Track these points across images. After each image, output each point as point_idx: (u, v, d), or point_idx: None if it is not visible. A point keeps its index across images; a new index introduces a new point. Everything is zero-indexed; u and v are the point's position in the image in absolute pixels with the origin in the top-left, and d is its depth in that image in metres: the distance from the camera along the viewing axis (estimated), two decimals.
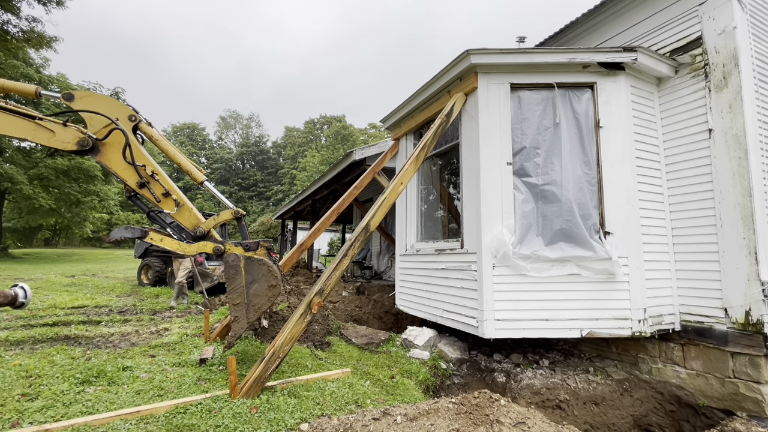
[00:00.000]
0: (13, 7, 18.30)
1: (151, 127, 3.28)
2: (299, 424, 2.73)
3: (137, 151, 3.10)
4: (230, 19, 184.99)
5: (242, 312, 3.08)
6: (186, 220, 3.17)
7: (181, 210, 3.16)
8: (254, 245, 3.15)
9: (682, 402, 3.88)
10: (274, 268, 3.08)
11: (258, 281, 3.07)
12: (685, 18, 4.28)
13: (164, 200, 3.12)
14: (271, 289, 3.07)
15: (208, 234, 3.20)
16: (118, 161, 3.06)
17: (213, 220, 3.24)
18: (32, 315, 6.50)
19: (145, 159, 3.13)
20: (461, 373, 4.54)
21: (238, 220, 3.26)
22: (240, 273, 3.05)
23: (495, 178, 4.17)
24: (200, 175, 3.34)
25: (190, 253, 3.15)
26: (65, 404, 2.93)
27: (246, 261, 3.09)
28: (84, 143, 3.00)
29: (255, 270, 3.08)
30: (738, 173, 3.74)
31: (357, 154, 8.32)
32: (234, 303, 3.08)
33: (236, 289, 3.07)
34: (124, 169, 3.06)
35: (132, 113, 3.18)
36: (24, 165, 23.97)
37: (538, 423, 2.70)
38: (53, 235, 52.90)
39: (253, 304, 3.07)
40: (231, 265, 3.07)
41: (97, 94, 3.20)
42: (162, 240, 3.13)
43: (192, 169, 3.30)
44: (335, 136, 54.24)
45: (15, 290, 2.73)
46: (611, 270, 3.89)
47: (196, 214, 3.21)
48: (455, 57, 4.39)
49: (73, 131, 3.01)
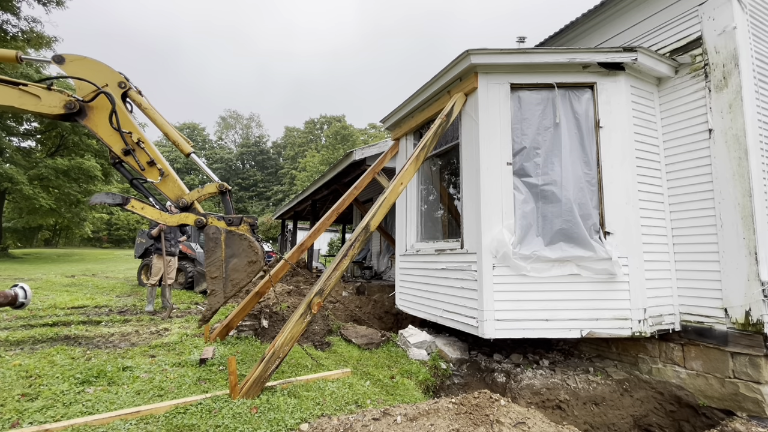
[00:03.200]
0: (13, 7, 18.29)
1: (141, 96, 3.23)
2: (299, 424, 2.73)
3: (124, 117, 3.05)
4: (248, 20, 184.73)
5: (220, 286, 3.03)
6: (170, 190, 3.12)
7: (165, 180, 3.10)
8: (237, 220, 3.09)
9: (682, 402, 3.88)
10: (255, 245, 3.03)
11: (238, 256, 3.02)
12: (685, 18, 4.28)
13: (149, 169, 3.07)
14: (251, 264, 3.01)
15: (191, 206, 3.14)
16: (104, 127, 3.02)
17: (197, 192, 3.17)
18: (32, 315, 6.50)
19: (132, 126, 3.08)
20: (461, 373, 4.54)
21: (222, 194, 3.18)
22: (220, 246, 3.02)
23: (495, 179, 4.17)
24: (187, 147, 3.27)
25: (171, 223, 3.11)
26: (65, 404, 2.93)
27: (227, 235, 3.03)
28: (71, 106, 2.95)
29: (236, 244, 3.03)
30: (738, 173, 3.74)
31: (357, 155, 8.32)
32: (212, 276, 3.03)
33: (215, 262, 3.03)
34: (110, 135, 3.02)
35: (122, 80, 3.12)
36: (24, 165, 23.97)
37: (538, 423, 2.70)
38: (53, 235, 52.89)
39: (231, 278, 3.02)
40: (211, 238, 3.03)
41: (89, 58, 3.11)
42: (143, 209, 3.08)
43: (179, 140, 3.24)
44: (335, 136, 54.26)
45: (15, 290, 2.72)
46: (611, 270, 3.89)
47: (180, 185, 3.16)
48: (455, 57, 4.39)
49: (58, 95, 2.97)
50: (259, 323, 5.69)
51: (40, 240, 50.68)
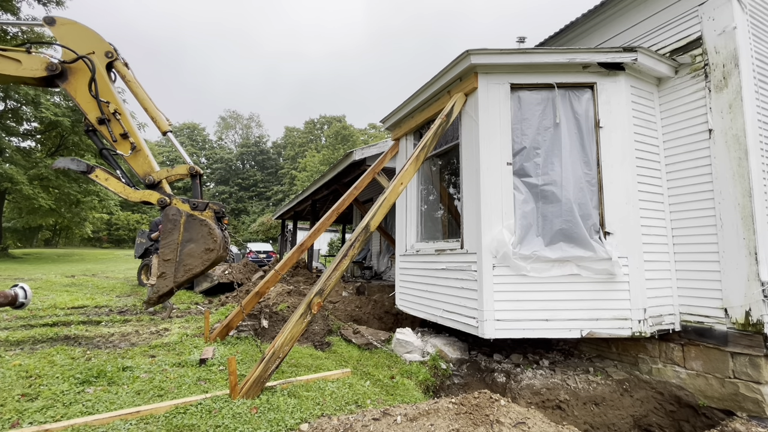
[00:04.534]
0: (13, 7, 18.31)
1: (127, 69, 3.22)
2: (299, 424, 2.73)
3: (104, 86, 3.01)
4: (254, 22, 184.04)
5: (171, 270, 2.91)
6: (139, 165, 3.06)
7: (135, 154, 3.05)
8: (202, 205, 3.02)
9: (682, 402, 3.88)
10: (215, 232, 2.94)
11: (195, 241, 2.92)
12: (685, 18, 4.28)
13: (121, 141, 3.03)
14: (208, 252, 2.92)
15: (158, 184, 3.07)
16: (83, 92, 2.99)
17: (166, 171, 3.11)
18: (32, 315, 6.50)
19: (111, 96, 3.04)
20: (461, 373, 4.54)
21: (192, 177, 3.13)
22: (178, 229, 2.93)
23: (495, 179, 4.17)
24: (165, 125, 3.23)
25: (133, 199, 3.04)
26: (65, 404, 2.93)
27: (188, 218, 2.94)
28: (53, 68, 2.93)
29: (195, 229, 2.93)
30: (738, 173, 3.74)
31: (357, 155, 8.32)
32: (165, 258, 2.93)
33: (170, 244, 2.92)
34: (87, 102, 2.99)
35: (110, 50, 3.09)
36: (24, 165, 23.97)
37: (538, 423, 2.70)
38: (53, 235, 52.91)
39: (185, 263, 2.91)
40: (170, 219, 2.94)
41: (80, 24, 3.10)
42: (107, 179, 3.01)
43: (158, 116, 3.21)
44: (335, 137, 54.27)
45: (15, 290, 2.72)
46: (611, 270, 3.89)
47: (151, 162, 3.10)
48: (455, 57, 4.39)
49: (39, 57, 2.96)
50: (259, 323, 5.69)
51: (40, 240, 50.69)
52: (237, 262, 13.37)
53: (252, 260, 16.66)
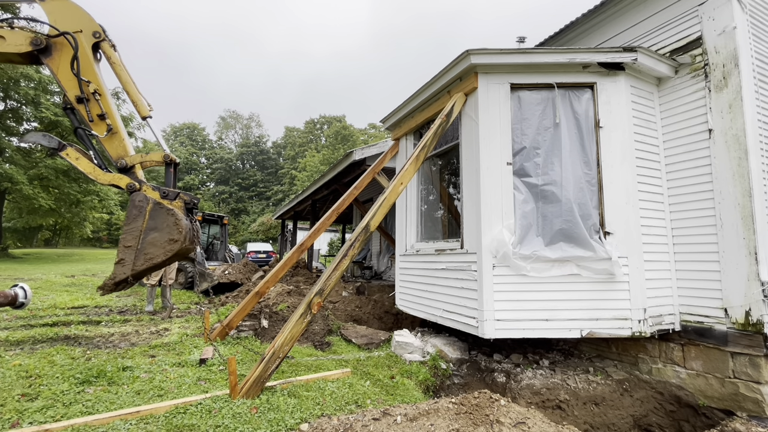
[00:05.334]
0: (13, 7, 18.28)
1: (114, 51, 3.21)
2: (299, 424, 2.73)
3: (87, 65, 2.98)
4: (258, 23, 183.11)
5: (130, 257, 2.79)
6: (113, 148, 3.00)
7: (111, 136, 2.99)
8: (173, 194, 2.92)
9: (682, 402, 3.88)
10: (182, 223, 2.83)
11: (160, 230, 2.81)
12: (685, 18, 4.28)
13: (97, 122, 2.98)
14: (171, 243, 2.81)
15: (131, 169, 2.98)
16: (65, 69, 2.96)
17: (140, 156, 3.02)
18: (32, 315, 6.50)
19: (93, 76, 3.01)
20: (461, 373, 4.54)
21: (167, 165, 3.04)
22: (143, 216, 2.83)
23: (495, 178, 4.17)
24: (146, 111, 3.19)
25: (102, 181, 2.96)
26: (65, 404, 2.93)
27: (154, 206, 2.84)
28: (37, 41, 2.91)
29: (160, 218, 2.83)
30: (738, 173, 3.74)
31: (357, 155, 8.32)
32: (125, 245, 2.81)
33: (132, 231, 2.82)
34: (68, 79, 2.95)
35: (98, 30, 3.08)
36: (24, 165, 23.97)
37: (538, 423, 2.70)
38: (53, 235, 52.89)
39: (145, 252, 2.80)
40: (136, 205, 2.84)
41: (70, 1, 3.08)
42: (77, 159, 2.94)
43: (140, 100, 3.17)
44: (335, 136, 54.25)
45: (15, 290, 2.72)
46: (611, 270, 3.89)
47: (126, 145, 3.03)
48: (455, 57, 4.39)
49: (23, 32, 2.94)
50: (259, 323, 5.69)
51: (40, 240, 50.68)
52: (237, 262, 13.36)
53: (252, 260, 16.65)
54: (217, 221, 14.88)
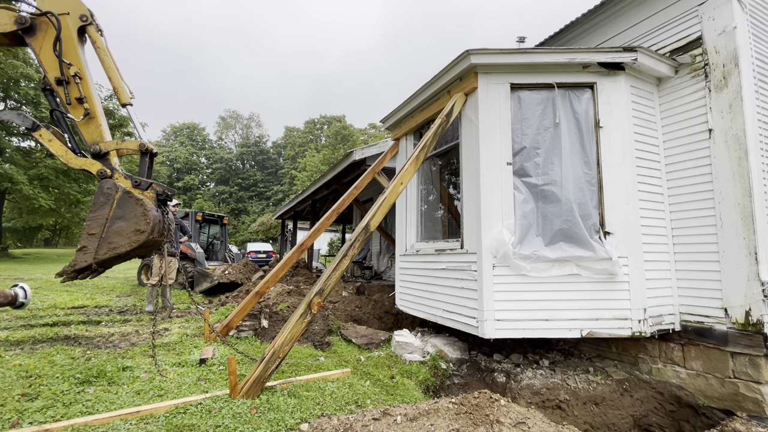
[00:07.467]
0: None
1: (101, 36, 3.19)
2: (299, 424, 2.73)
3: (70, 47, 2.95)
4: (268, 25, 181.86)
5: (93, 245, 2.70)
6: (89, 133, 2.95)
7: (88, 121, 2.94)
8: (145, 184, 2.85)
9: (682, 402, 3.88)
10: (150, 214, 2.74)
11: (126, 220, 2.73)
12: (685, 18, 4.28)
13: (75, 105, 2.94)
14: (137, 233, 2.72)
15: (105, 155, 2.93)
16: (47, 50, 2.93)
17: (115, 143, 2.97)
18: (32, 315, 6.50)
19: (76, 59, 2.97)
20: (461, 373, 4.54)
21: (143, 154, 2.98)
22: (110, 204, 2.75)
23: (495, 178, 4.17)
24: (126, 98, 3.16)
25: (73, 165, 2.91)
26: (65, 404, 2.93)
27: (123, 194, 2.76)
28: (21, 20, 2.88)
29: (128, 207, 2.74)
30: (738, 173, 3.74)
31: (357, 154, 8.32)
32: (90, 232, 2.73)
33: (98, 218, 2.75)
34: (50, 60, 2.92)
35: (85, 14, 3.04)
36: (24, 165, 23.96)
37: (538, 423, 2.70)
38: (53, 235, 52.90)
39: (110, 240, 2.71)
40: (104, 192, 2.76)
41: None
42: (50, 141, 2.88)
43: (121, 86, 3.13)
44: (335, 136, 54.25)
45: (15, 290, 2.72)
46: (611, 270, 3.89)
47: (102, 131, 2.98)
48: (455, 57, 4.39)
49: (6, 11, 2.92)
50: (259, 323, 5.69)
51: (40, 240, 50.68)
52: (237, 262, 13.37)
53: (252, 260, 16.66)
54: (217, 221, 14.89)
